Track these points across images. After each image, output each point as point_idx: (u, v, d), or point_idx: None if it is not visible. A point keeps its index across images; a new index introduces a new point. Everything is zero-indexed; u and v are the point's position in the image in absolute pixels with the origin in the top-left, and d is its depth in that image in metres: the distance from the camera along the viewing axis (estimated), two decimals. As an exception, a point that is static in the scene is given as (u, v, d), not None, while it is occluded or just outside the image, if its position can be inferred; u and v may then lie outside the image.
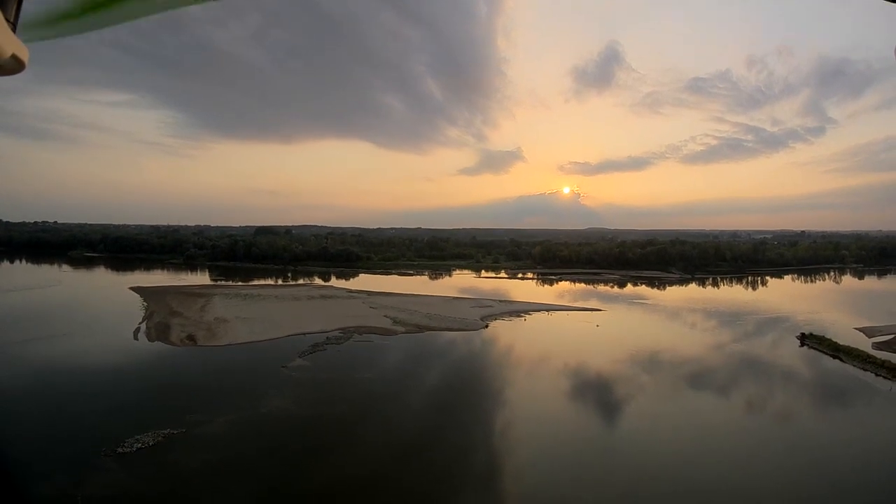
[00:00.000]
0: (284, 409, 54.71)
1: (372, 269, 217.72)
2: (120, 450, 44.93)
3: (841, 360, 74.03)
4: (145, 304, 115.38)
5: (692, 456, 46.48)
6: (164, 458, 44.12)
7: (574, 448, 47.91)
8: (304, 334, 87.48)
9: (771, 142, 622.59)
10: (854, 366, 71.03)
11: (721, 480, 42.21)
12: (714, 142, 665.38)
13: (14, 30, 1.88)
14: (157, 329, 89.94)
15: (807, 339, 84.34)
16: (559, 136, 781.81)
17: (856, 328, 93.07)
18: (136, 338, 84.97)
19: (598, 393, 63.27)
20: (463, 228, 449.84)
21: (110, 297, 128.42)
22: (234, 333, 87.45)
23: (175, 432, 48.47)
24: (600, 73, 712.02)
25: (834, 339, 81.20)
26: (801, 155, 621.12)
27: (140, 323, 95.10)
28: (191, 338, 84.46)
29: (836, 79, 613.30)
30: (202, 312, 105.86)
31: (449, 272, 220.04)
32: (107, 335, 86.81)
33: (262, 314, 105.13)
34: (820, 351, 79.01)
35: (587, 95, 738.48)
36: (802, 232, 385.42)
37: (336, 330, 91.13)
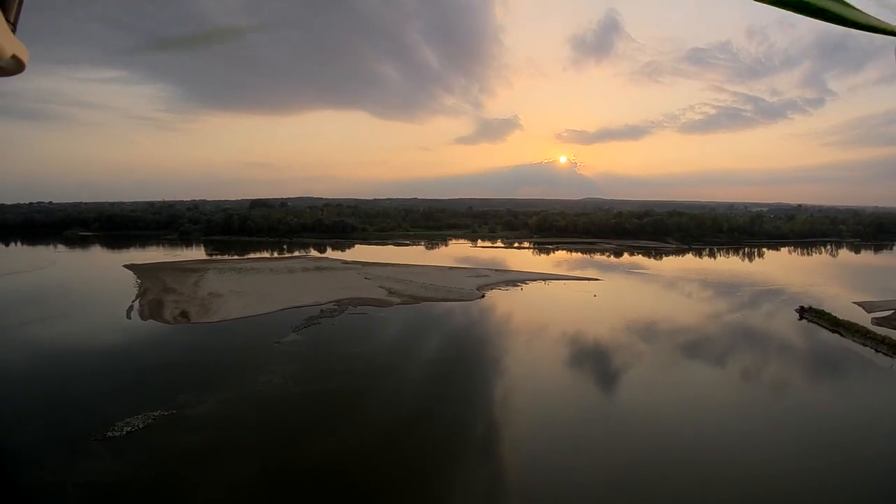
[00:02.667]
0: (278, 387, 53.78)
1: (367, 240, 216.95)
2: (110, 434, 43.88)
3: (840, 334, 73.19)
4: (139, 281, 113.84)
5: (693, 427, 46.10)
6: (155, 441, 43.21)
7: (572, 418, 47.23)
8: (298, 307, 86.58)
9: (770, 112, 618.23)
10: (854, 340, 70.16)
11: (721, 451, 42.01)
12: (712, 111, 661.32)
13: (14, 30, 1.89)
14: (150, 307, 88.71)
15: (806, 313, 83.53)
16: (557, 104, 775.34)
17: (854, 303, 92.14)
18: (128, 317, 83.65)
19: (596, 365, 62.64)
20: (459, 198, 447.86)
21: (104, 275, 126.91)
22: (228, 309, 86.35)
23: (166, 413, 47.56)
24: (599, 42, 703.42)
25: (833, 314, 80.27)
26: (799, 126, 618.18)
27: (133, 301, 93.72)
28: (184, 315, 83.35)
29: (838, 52, 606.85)
30: (196, 288, 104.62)
31: (445, 242, 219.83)
32: (99, 315, 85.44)
33: (256, 288, 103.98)
34: (819, 325, 78.23)
35: (585, 64, 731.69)
36: (799, 206, 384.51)
37: (331, 302, 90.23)
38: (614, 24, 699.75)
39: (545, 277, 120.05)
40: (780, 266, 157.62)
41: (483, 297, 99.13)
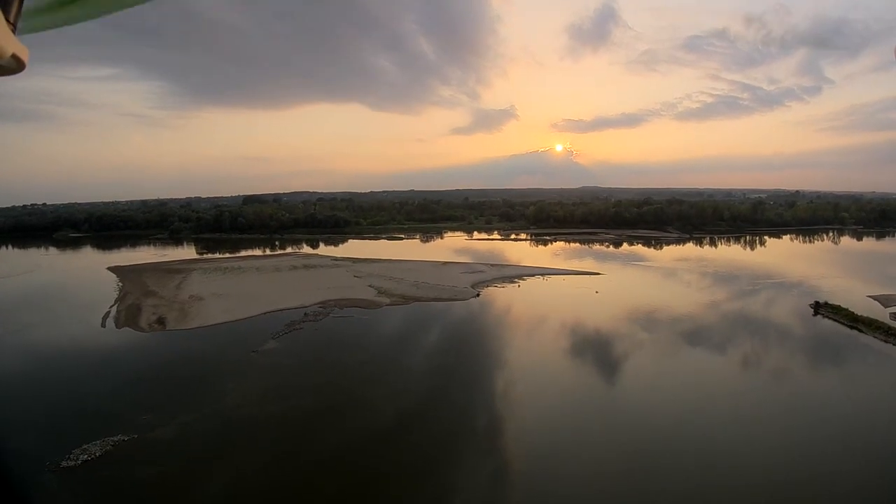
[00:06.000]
0: (250, 404, 49.09)
1: (361, 234, 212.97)
2: (65, 463, 39.71)
3: (859, 331, 68.38)
4: (120, 284, 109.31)
5: (713, 437, 42.14)
6: (111, 473, 38.87)
7: (577, 443, 42.64)
8: (280, 311, 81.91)
9: (766, 100, 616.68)
10: (876, 338, 65.27)
11: (743, 455, 38.58)
12: (709, 99, 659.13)
13: (14, 30, 1.90)
14: (127, 313, 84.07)
15: (821, 308, 78.69)
16: (553, 93, 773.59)
17: (869, 296, 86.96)
18: (103, 324, 78.95)
19: (601, 371, 57.90)
20: (455, 189, 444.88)
21: (86, 279, 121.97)
22: (207, 314, 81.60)
23: (126, 439, 43.12)
24: (596, 30, 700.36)
25: (850, 309, 75.19)
26: (796, 114, 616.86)
27: (111, 306, 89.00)
28: (160, 321, 78.72)
29: (834, 38, 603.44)
30: (177, 291, 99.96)
31: (440, 235, 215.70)
32: (72, 324, 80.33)
33: (239, 289, 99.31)
34: (836, 321, 73.34)
35: (582, 53, 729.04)
36: (797, 191, 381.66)
37: (315, 304, 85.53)
38: (611, 11, 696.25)
39: (543, 272, 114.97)
40: (785, 255, 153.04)
41: (478, 295, 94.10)
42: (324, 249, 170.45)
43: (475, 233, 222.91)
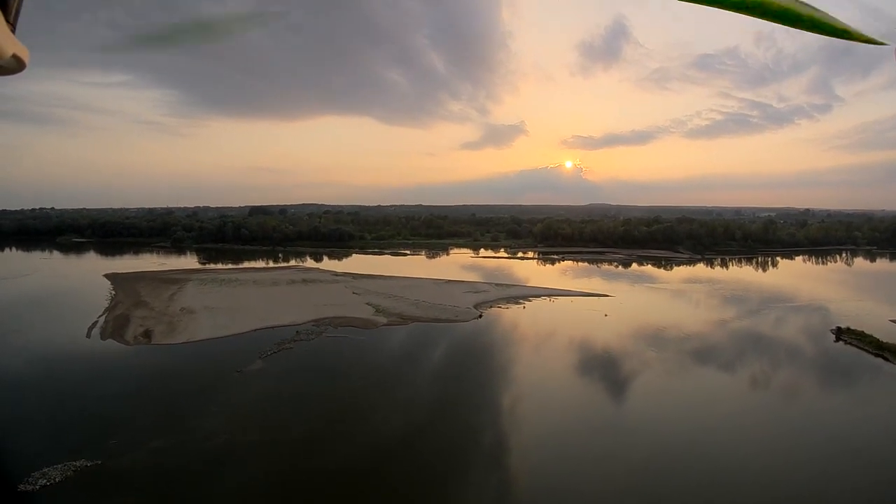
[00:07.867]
0: (225, 432, 45.20)
1: (365, 249, 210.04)
2: (22, 487, 36.22)
3: (885, 359, 63.98)
4: (113, 292, 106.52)
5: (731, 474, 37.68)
6: (71, 501, 35.95)
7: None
8: (272, 328, 78.17)
9: (776, 118, 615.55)
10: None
11: None
12: (719, 117, 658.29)
13: (14, 30, 1.92)
14: (115, 324, 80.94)
15: (843, 335, 74.24)
16: (563, 110, 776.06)
17: (892, 320, 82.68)
18: (88, 335, 75.78)
19: (612, 405, 53.73)
20: (463, 205, 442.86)
21: (81, 285, 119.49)
22: (195, 328, 78.12)
23: (89, 464, 39.82)
24: (607, 47, 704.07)
25: (874, 335, 70.74)
26: (806, 131, 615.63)
27: (99, 316, 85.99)
28: (146, 334, 75.37)
29: (846, 57, 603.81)
30: (170, 302, 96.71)
31: (446, 251, 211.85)
32: (55, 333, 77.12)
33: (233, 303, 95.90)
34: (860, 348, 68.90)
35: (593, 70, 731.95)
36: (807, 210, 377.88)
37: (309, 322, 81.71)
38: (623, 29, 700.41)
39: (550, 293, 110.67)
40: (800, 277, 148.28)
41: (480, 317, 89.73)
42: (325, 263, 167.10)
43: (481, 250, 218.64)
